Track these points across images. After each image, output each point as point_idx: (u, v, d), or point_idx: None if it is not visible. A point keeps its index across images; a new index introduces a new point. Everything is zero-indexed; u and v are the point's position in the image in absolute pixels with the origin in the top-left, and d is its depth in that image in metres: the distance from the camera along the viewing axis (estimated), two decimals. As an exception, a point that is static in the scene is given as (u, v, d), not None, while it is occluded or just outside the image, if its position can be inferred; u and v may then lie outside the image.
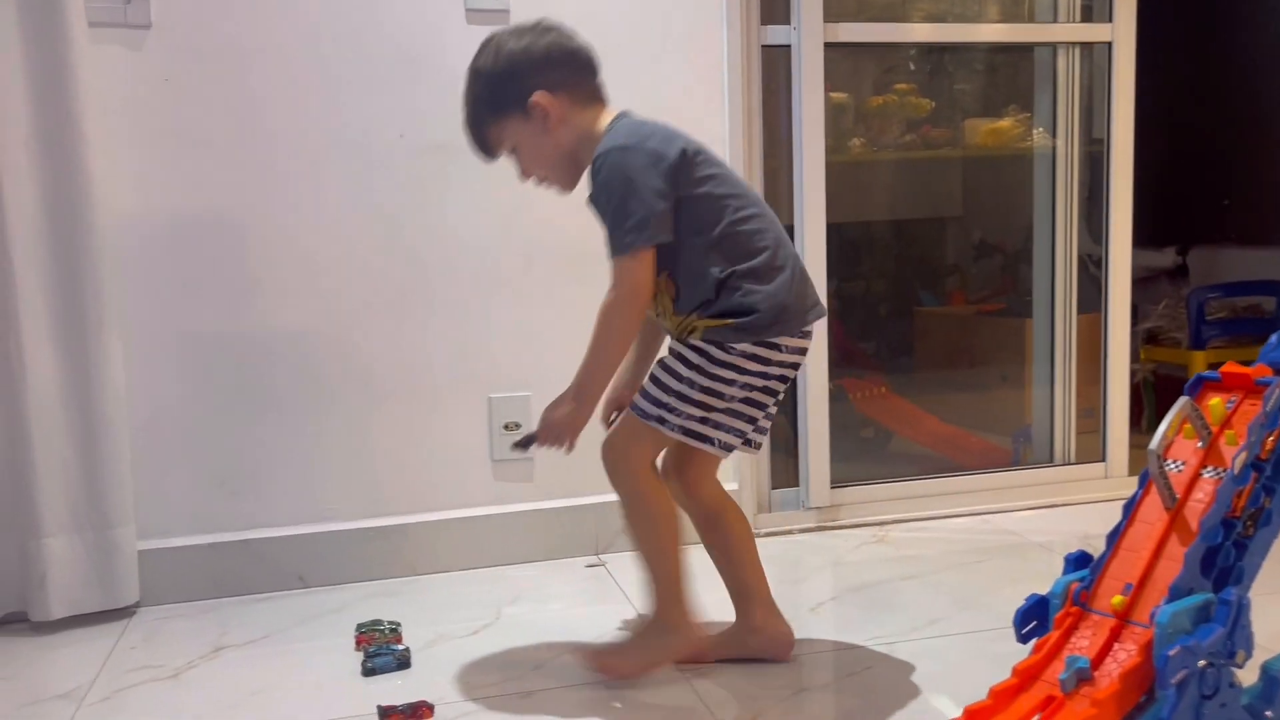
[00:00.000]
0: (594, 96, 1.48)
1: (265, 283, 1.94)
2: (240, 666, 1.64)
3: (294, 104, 1.92)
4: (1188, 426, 1.31)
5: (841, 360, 2.30)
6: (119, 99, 1.83)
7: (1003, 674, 1.22)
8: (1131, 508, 1.31)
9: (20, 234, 1.73)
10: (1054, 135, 2.57)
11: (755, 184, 2.16)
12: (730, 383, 1.41)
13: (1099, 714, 1.14)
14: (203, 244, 1.91)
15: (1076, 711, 1.14)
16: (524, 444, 1.50)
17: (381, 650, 1.62)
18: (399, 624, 1.73)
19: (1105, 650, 1.20)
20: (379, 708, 1.44)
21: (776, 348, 1.42)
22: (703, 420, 1.42)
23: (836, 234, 2.24)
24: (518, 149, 1.48)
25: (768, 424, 1.51)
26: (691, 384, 1.41)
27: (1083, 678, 1.18)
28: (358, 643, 1.69)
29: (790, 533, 2.20)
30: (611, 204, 1.39)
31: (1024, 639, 1.32)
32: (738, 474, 2.18)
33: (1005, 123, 2.78)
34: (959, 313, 3.07)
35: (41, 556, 1.78)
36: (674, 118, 2.03)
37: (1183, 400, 1.30)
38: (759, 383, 1.43)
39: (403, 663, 1.58)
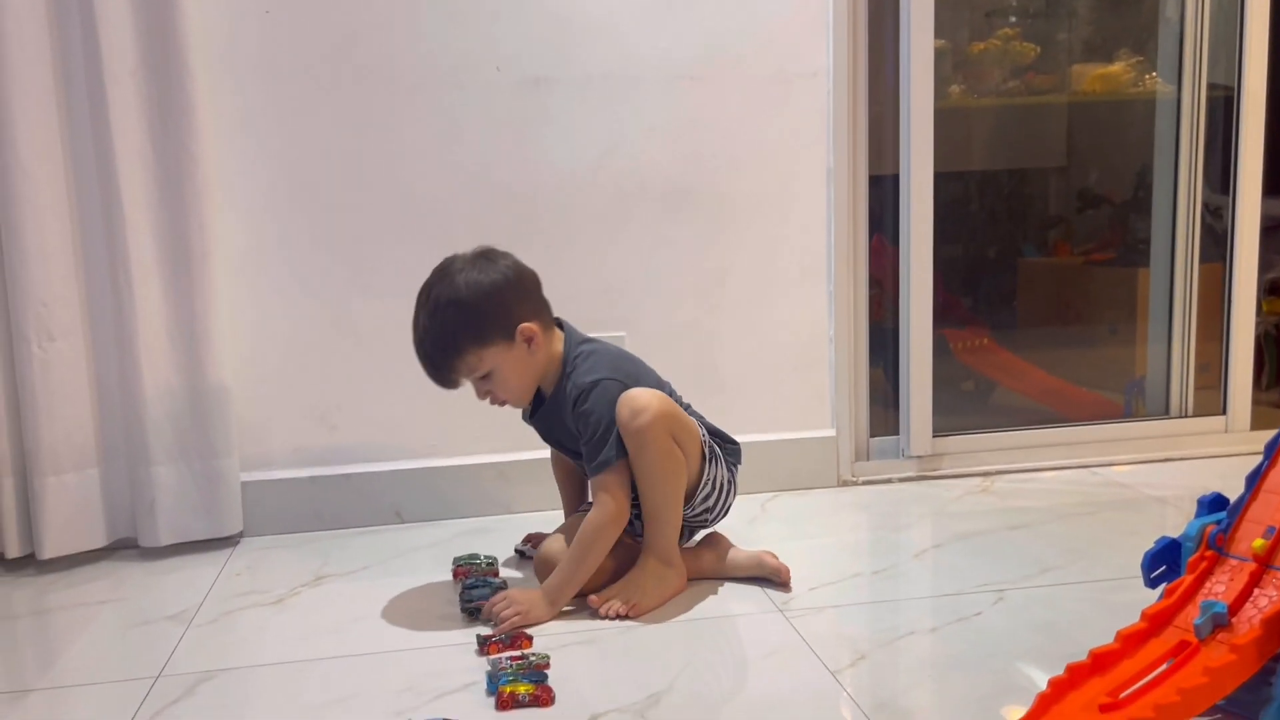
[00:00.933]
0: (552, 321, 1.64)
1: (364, 219, 1.94)
2: (341, 595, 1.66)
3: (387, 38, 1.91)
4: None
5: (942, 312, 2.23)
6: (221, 31, 1.84)
7: (1124, 622, 1.16)
8: (1275, 448, 1.23)
9: (127, 167, 1.75)
10: (1177, 78, 2.43)
11: (859, 128, 2.09)
12: None
13: (1238, 660, 1.08)
14: (302, 180, 1.91)
15: (1213, 657, 1.08)
16: (473, 611, 1.53)
17: (478, 583, 1.62)
18: (495, 558, 1.73)
19: (1244, 596, 1.14)
20: (478, 637, 1.44)
21: None
22: None
23: (935, 184, 2.15)
24: (495, 373, 1.57)
25: None
26: None
27: (1219, 623, 1.11)
28: (455, 575, 1.69)
29: (889, 481, 2.15)
30: (600, 427, 1.53)
31: (1152, 584, 1.27)
32: (835, 421, 2.13)
33: (1116, 67, 2.65)
34: (1065, 263, 2.95)
35: (150, 484, 1.82)
36: (770, 46, 1.99)
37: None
38: None
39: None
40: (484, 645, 1.42)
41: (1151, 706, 1.03)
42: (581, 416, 1.55)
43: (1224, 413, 2.34)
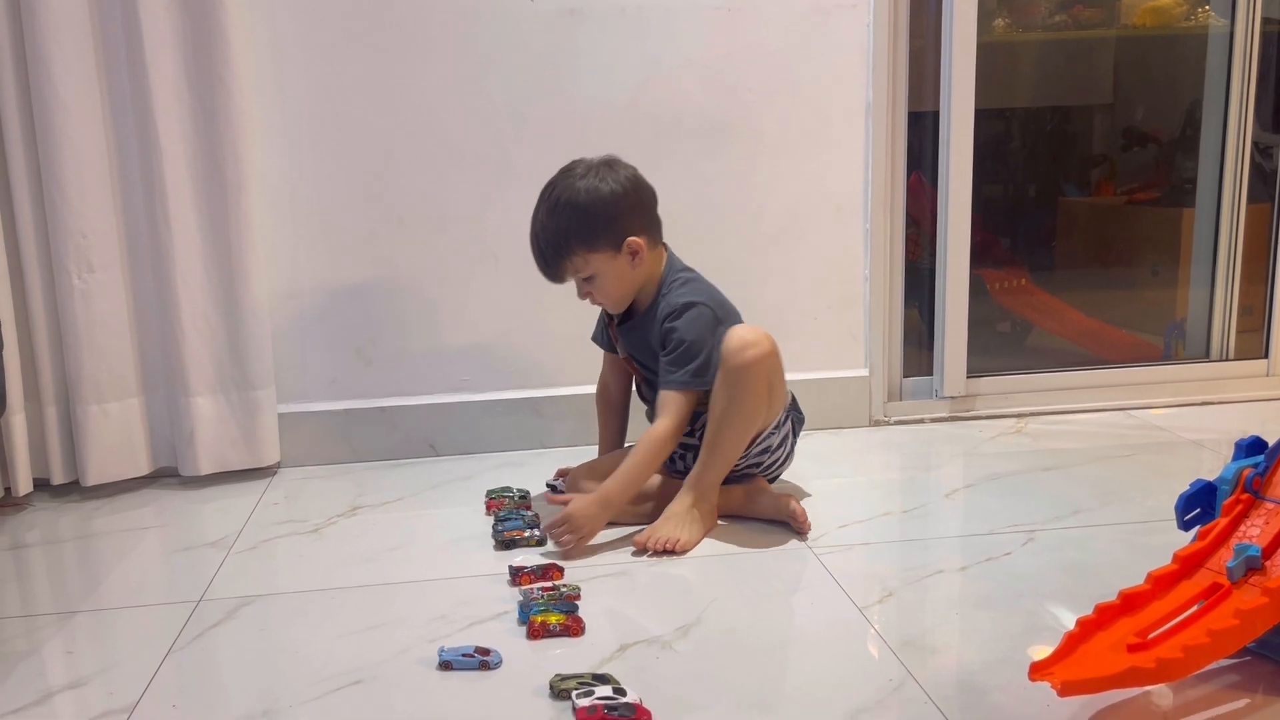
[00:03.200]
0: (660, 239, 1.67)
1: (398, 152, 1.94)
2: (376, 525, 1.69)
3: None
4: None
5: (979, 251, 2.19)
6: (255, -39, 1.83)
7: (1156, 564, 1.16)
8: (1316, 392, 1.21)
9: (162, 99, 1.76)
10: (1231, 11, 2.35)
11: (900, 62, 2.04)
12: None
13: (1270, 603, 1.07)
14: (336, 113, 1.91)
15: (1245, 600, 1.08)
16: (506, 543, 1.56)
17: (511, 515, 1.64)
18: (528, 491, 1.75)
19: (1279, 540, 1.13)
20: (510, 567, 1.46)
21: None
22: None
23: (976, 121, 2.11)
24: (597, 278, 1.61)
25: None
26: None
27: (1253, 566, 1.11)
28: (488, 508, 1.71)
29: (922, 421, 2.14)
30: (683, 346, 1.58)
31: (1185, 526, 1.26)
32: (868, 360, 2.12)
33: (1168, 0, 2.56)
34: (1107, 203, 2.89)
35: (190, 414, 1.85)
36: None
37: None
38: None
39: (532, 526, 1.60)
40: (516, 576, 1.44)
41: (1180, 647, 1.03)
42: (669, 332, 1.59)
43: (1266, 356, 2.30)
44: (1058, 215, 2.95)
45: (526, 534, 1.57)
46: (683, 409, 1.57)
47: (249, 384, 1.88)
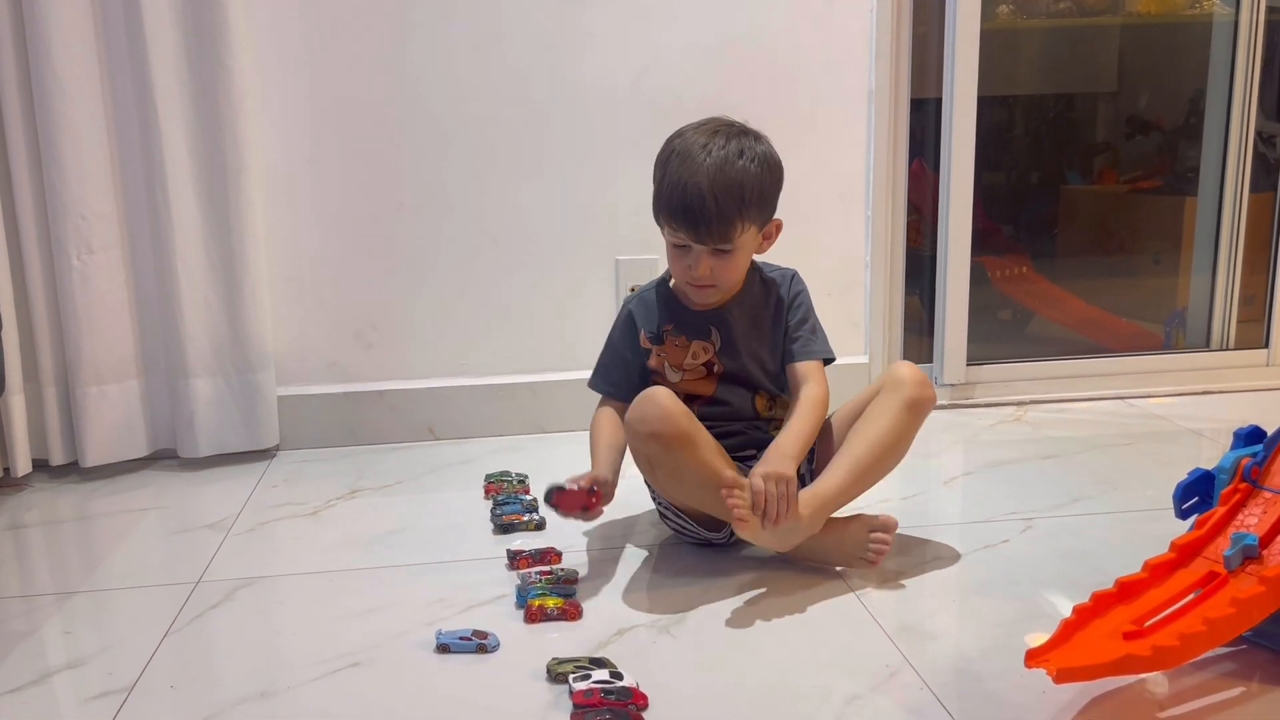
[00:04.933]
0: None
1: (399, 136, 1.93)
2: (375, 508, 1.69)
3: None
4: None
5: (981, 239, 2.19)
6: (256, -58, 1.82)
7: (1154, 552, 1.16)
8: (1316, 381, 1.21)
9: (162, 80, 1.75)
10: (1236, 1, 2.34)
11: (902, 48, 2.03)
12: None
13: (1266, 592, 1.07)
14: (337, 96, 1.90)
15: (1241, 589, 1.08)
16: (505, 527, 1.53)
17: (509, 499, 1.64)
18: (526, 476, 1.75)
19: (1277, 528, 1.13)
20: (508, 551, 1.46)
21: None
22: None
23: (979, 108, 2.10)
24: (733, 254, 1.40)
25: None
26: None
27: (1250, 555, 1.11)
28: (486, 492, 1.72)
29: (921, 409, 2.13)
30: (813, 314, 1.50)
31: (1183, 514, 1.26)
32: (868, 348, 2.12)
33: (1173, -12, 2.55)
34: (1110, 191, 2.88)
35: (189, 396, 1.85)
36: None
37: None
38: None
39: (530, 510, 1.60)
40: (514, 560, 1.44)
41: (1177, 635, 1.04)
42: (798, 295, 1.48)
43: (1266, 345, 2.30)
44: (1060, 203, 2.94)
45: (525, 518, 1.57)
46: (826, 381, 1.45)
47: (249, 366, 1.88)
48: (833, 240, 2.08)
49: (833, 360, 1.48)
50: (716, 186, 1.34)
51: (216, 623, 1.32)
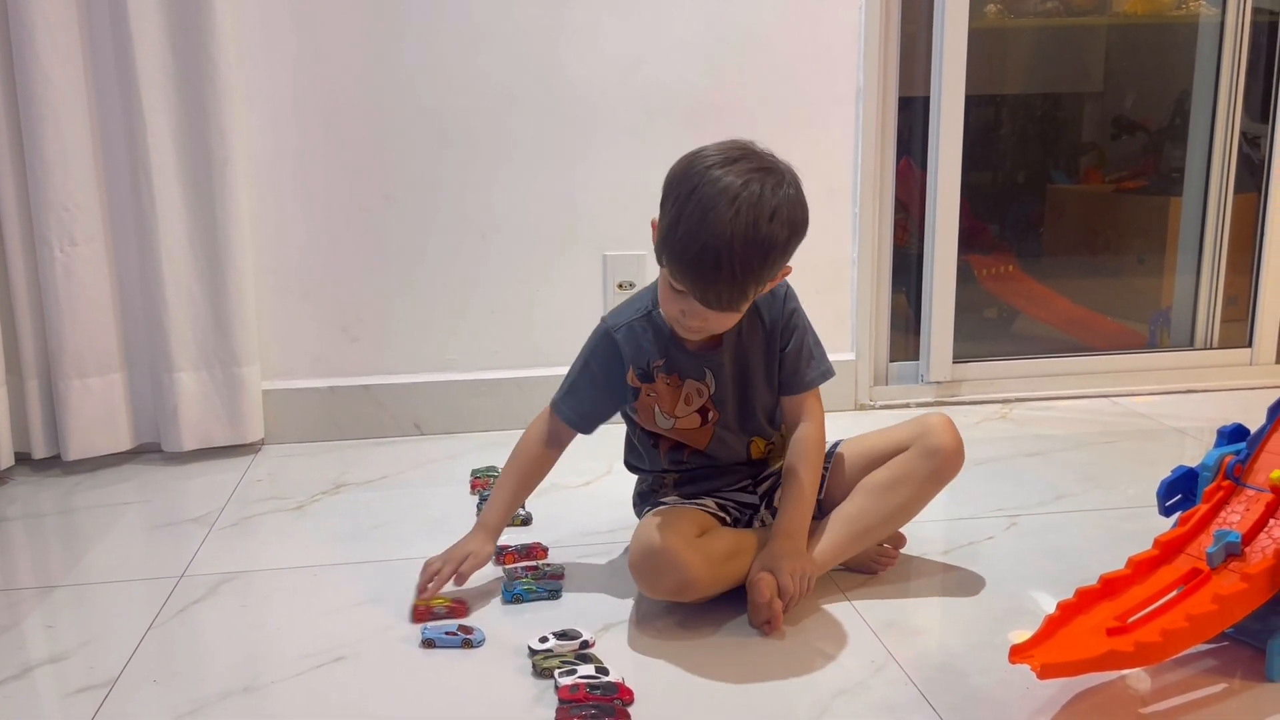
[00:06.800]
0: None
1: (386, 128, 1.92)
2: (360, 503, 1.68)
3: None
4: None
5: (967, 237, 2.20)
6: (242, -68, 1.81)
7: (1137, 549, 1.16)
8: (1299, 380, 1.21)
9: (146, 70, 1.73)
10: (1222, 2, 2.35)
11: (891, 47, 2.04)
12: None
13: (1249, 589, 1.08)
14: (324, 88, 1.89)
15: (1224, 585, 1.09)
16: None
17: (496, 495, 1.64)
18: (513, 471, 1.75)
19: (1259, 526, 1.14)
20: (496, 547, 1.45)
21: None
22: None
23: (966, 107, 2.10)
24: (735, 314, 1.25)
25: None
26: None
27: (1232, 552, 1.12)
28: (472, 486, 1.71)
29: (907, 406, 2.14)
30: (809, 331, 1.36)
31: (1167, 512, 1.27)
32: (855, 345, 2.12)
33: (1160, -12, 2.57)
34: (1095, 191, 2.90)
35: (173, 390, 1.84)
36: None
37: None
38: None
39: (517, 506, 1.59)
40: (500, 555, 1.44)
41: (1159, 631, 1.04)
42: (793, 314, 1.34)
43: (1249, 345, 2.32)
44: (1046, 202, 2.95)
45: (511, 513, 1.57)
46: (821, 409, 1.36)
47: (233, 360, 1.87)
48: (820, 238, 2.05)
49: (831, 376, 1.37)
50: (738, 257, 1.14)
51: (200, 617, 1.31)
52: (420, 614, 1.28)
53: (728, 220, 1.14)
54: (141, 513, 1.68)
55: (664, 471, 1.39)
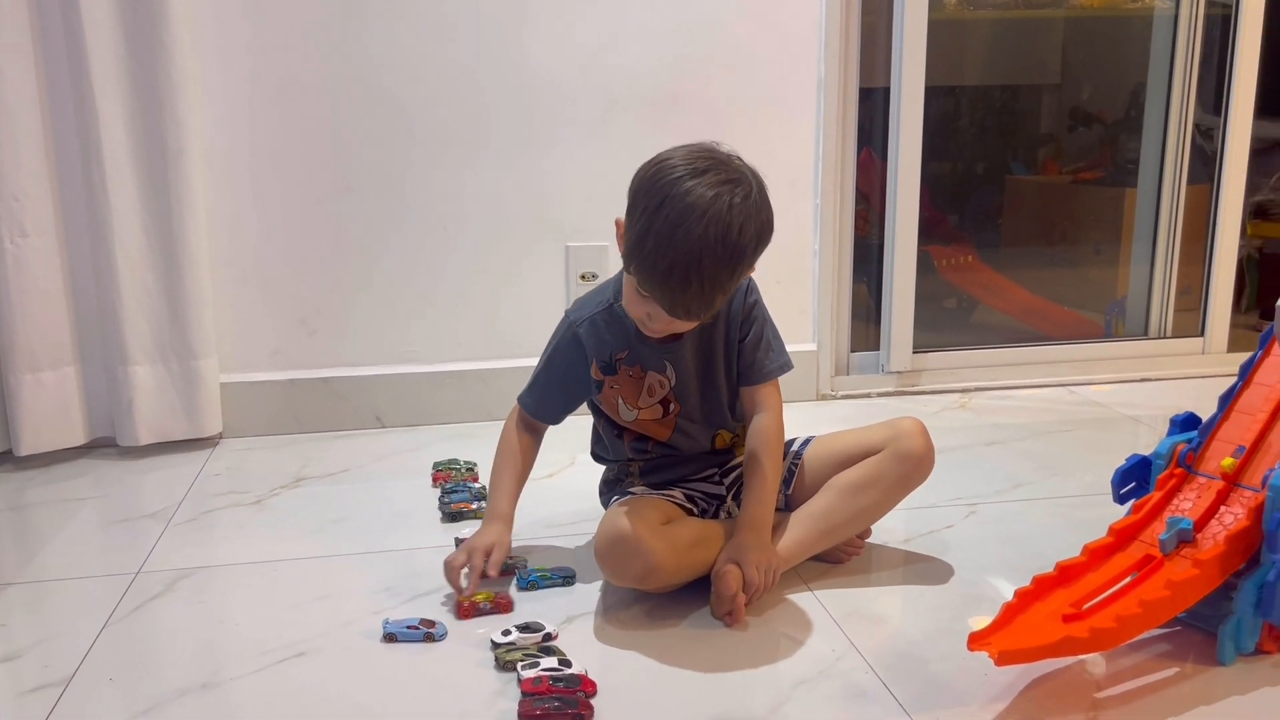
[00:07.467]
0: None
1: (345, 118, 1.90)
2: (321, 496, 1.67)
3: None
4: (1319, 286, 1.22)
5: (927, 228, 2.21)
6: (196, -82, 1.77)
7: (1093, 537, 1.18)
8: (1249, 369, 1.24)
9: (98, 58, 1.70)
10: (1176, -6, 2.39)
11: (852, 38, 2.04)
12: None
13: (1200, 575, 1.10)
14: (281, 76, 1.87)
15: (1176, 571, 1.11)
16: (453, 515, 1.51)
17: (458, 487, 1.63)
18: (475, 463, 1.74)
19: (1210, 513, 1.16)
20: (457, 539, 1.44)
21: None
22: None
23: (926, 98, 2.12)
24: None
25: None
26: None
27: (1184, 539, 1.14)
28: (434, 480, 1.70)
29: (868, 396, 2.16)
30: (769, 322, 1.36)
31: (1121, 499, 1.29)
32: (816, 336, 2.13)
33: (1115, -18, 2.60)
34: (1053, 182, 2.93)
35: (128, 383, 1.81)
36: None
37: (1318, 256, 1.21)
38: None
39: (479, 498, 1.59)
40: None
41: (1113, 617, 1.06)
42: (754, 306, 1.34)
43: (1202, 334, 2.36)
44: (1004, 193, 2.98)
45: (474, 506, 1.56)
46: (780, 400, 1.36)
47: (190, 353, 1.84)
48: (782, 228, 2.03)
49: (789, 369, 1.37)
50: (707, 272, 1.15)
51: (157, 614, 1.29)
52: (466, 610, 1.26)
53: (697, 237, 1.14)
54: (97, 508, 1.65)
55: (629, 460, 1.40)
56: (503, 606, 1.28)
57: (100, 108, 1.72)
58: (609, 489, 1.43)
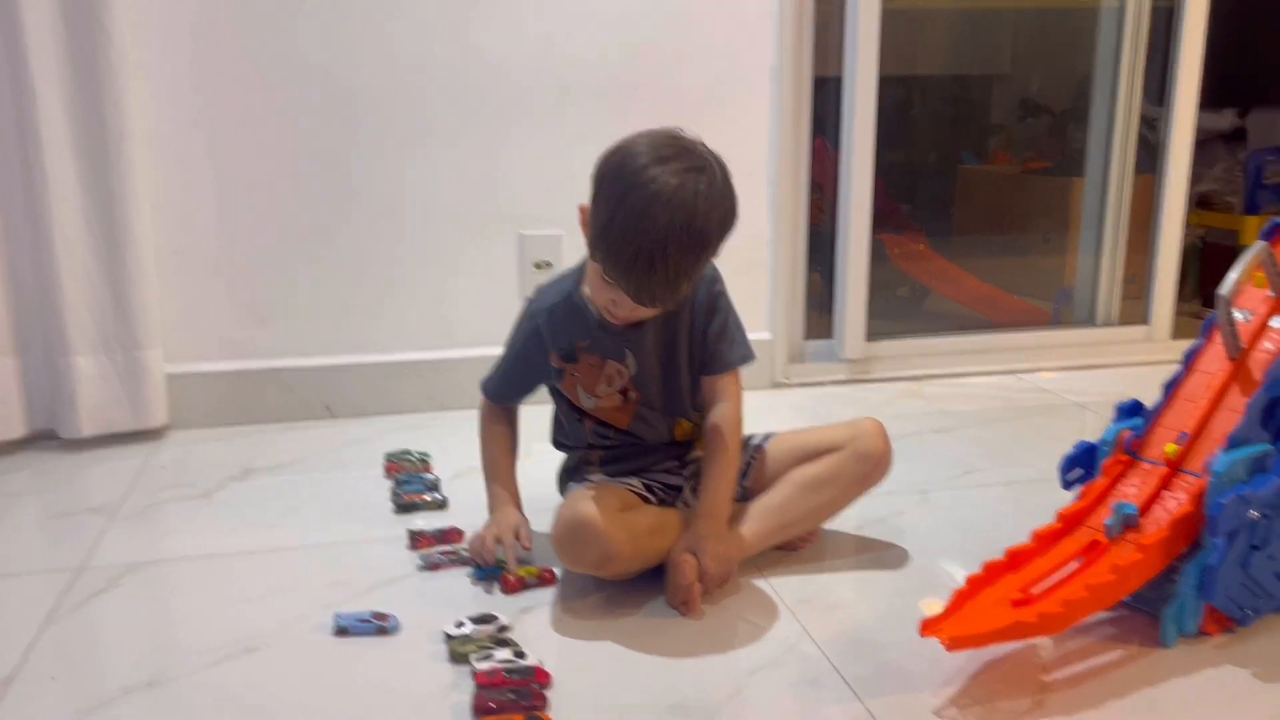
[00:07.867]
0: None
1: (292, 103, 1.87)
2: (270, 489, 1.64)
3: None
4: (1259, 275, 1.25)
5: (880, 217, 2.24)
6: (137, -104, 1.73)
7: (1042, 522, 1.20)
8: (1191, 357, 1.26)
9: (36, 39, 1.66)
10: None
11: (805, 27, 2.05)
12: None
13: (1144, 559, 1.12)
14: (226, 59, 1.83)
15: (1121, 556, 1.13)
16: (406, 507, 1.52)
17: (410, 478, 1.62)
18: (428, 454, 1.73)
19: (1154, 498, 1.18)
20: (409, 532, 1.44)
21: None
22: None
23: (879, 87, 2.13)
24: None
25: None
26: None
27: (1129, 524, 1.16)
28: (387, 471, 1.68)
29: (822, 384, 2.18)
30: (732, 312, 1.35)
31: (1068, 485, 1.30)
32: (770, 325, 2.14)
33: (1063, -27, 2.63)
34: (1003, 172, 2.97)
35: (70, 374, 1.77)
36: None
37: (1259, 245, 1.24)
38: None
39: (432, 489, 1.57)
40: (415, 540, 1.42)
41: (1061, 602, 1.07)
42: (718, 297, 1.34)
43: (1146, 323, 2.40)
44: (956, 182, 3.02)
45: (427, 497, 1.55)
46: (740, 390, 1.36)
47: (134, 343, 1.80)
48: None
49: (752, 360, 1.37)
50: (672, 260, 1.16)
51: (102, 610, 1.26)
52: (513, 585, 1.28)
53: (663, 224, 1.14)
54: (38, 502, 1.61)
55: (589, 447, 1.39)
56: (547, 580, 1.30)
57: (38, 89, 1.67)
58: (568, 477, 1.43)
